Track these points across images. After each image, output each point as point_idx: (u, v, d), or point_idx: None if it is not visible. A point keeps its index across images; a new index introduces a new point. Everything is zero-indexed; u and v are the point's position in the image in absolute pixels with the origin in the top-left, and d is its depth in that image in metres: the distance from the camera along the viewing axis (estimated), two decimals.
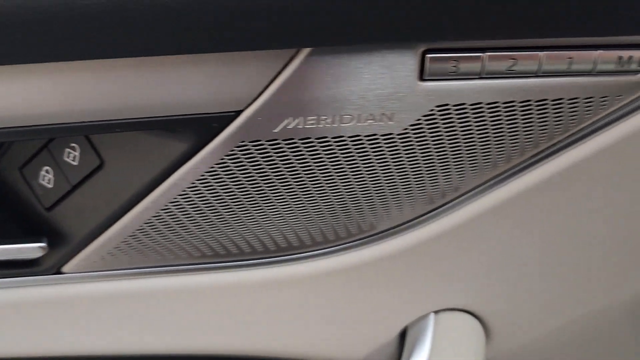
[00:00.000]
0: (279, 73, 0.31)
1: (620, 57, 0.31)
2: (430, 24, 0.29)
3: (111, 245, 0.38)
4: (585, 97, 0.33)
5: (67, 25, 0.27)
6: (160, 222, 0.37)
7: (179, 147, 0.33)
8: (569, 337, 0.51)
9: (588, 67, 0.31)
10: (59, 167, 0.36)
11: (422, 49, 0.30)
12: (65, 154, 0.36)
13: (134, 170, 0.35)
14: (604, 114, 0.34)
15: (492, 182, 0.38)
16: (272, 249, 0.41)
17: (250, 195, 0.36)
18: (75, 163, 0.36)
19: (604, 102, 0.33)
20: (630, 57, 0.31)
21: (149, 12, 0.27)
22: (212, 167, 0.34)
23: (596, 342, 0.52)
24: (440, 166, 0.36)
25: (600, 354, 0.53)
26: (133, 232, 0.38)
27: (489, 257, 0.43)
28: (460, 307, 0.48)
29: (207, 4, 0.27)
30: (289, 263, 0.42)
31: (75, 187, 0.37)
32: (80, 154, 0.36)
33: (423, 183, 0.37)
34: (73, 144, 0.36)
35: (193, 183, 0.35)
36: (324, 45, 0.29)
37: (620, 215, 0.41)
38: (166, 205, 0.36)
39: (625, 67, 0.31)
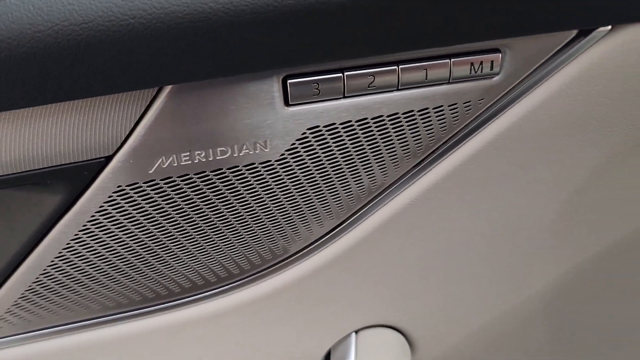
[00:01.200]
0: (144, 114, 0.30)
1: (472, 63, 0.32)
2: (284, 50, 0.29)
3: (1, 310, 0.37)
4: (449, 104, 0.34)
5: None
6: (50, 280, 0.36)
7: (54, 200, 0.33)
8: (490, 337, 0.52)
9: (444, 75, 0.32)
10: None
11: (282, 75, 0.31)
12: None
13: (12, 229, 0.34)
14: (471, 118, 0.35)
15: (382, 196, 0.39)
16: (177, 291, 0.40)
17: (139, 240, 0.35)
18: None
19: (468, 107, 0.34)
20: (481, 62, 0.32)
21: None
22: (94, 216, 0.33)
23: (517, 338, 0.53)
24: (326, 186, 0.36)
25: (521, 349, 0.54)
26: (23, 294, 0.36)
27: (398, 270, 0.44)
28: (380, 322, 0.48)
29: (53, 50, 0.26)
30: (201, 302, 0.42)
31: None
32: None
33: (312, 205, 0.37)
34: None
35: (77, 235, 0.34)
36: (182, 81, 0.29)
37: (508, 213, 0.42)
38: (52, 261, 0.35)
39: (479, 72, 0.33)
